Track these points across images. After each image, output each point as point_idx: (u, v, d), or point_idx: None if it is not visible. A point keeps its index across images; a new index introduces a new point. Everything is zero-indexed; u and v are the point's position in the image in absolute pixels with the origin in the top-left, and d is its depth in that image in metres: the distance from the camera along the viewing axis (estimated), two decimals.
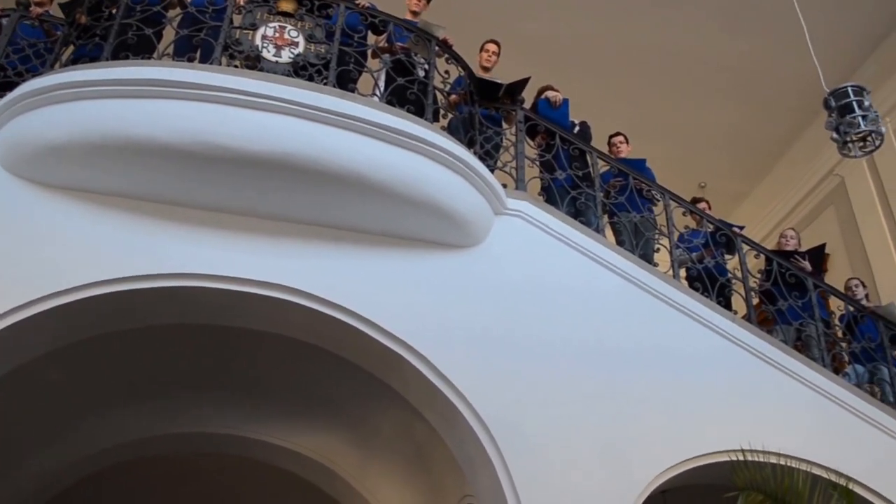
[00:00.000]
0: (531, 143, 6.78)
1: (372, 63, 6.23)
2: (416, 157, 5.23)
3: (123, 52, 5.33)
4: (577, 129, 7.24)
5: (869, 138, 6.12)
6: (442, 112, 6.29)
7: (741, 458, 4.49)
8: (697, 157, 11.90)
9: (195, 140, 4.78)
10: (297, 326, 5.32)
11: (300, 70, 5.42)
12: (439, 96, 6.15)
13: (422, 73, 6.17)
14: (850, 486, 4.87)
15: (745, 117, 11.42)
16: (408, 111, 5.44)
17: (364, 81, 6.08)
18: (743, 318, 6.44)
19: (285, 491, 8.06)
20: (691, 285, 6.63)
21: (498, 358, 5.27)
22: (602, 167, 6.86)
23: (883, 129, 6.16)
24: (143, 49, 5.39)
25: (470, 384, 5.08)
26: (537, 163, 6.68)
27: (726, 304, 6.77)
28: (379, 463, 7.23)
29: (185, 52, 5.54)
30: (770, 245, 8.41)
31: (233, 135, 4.82)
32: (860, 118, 6.02)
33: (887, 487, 5.67)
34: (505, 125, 6.79)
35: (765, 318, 7.18)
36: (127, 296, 4.83)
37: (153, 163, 4.84)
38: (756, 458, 4.49)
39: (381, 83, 5.99)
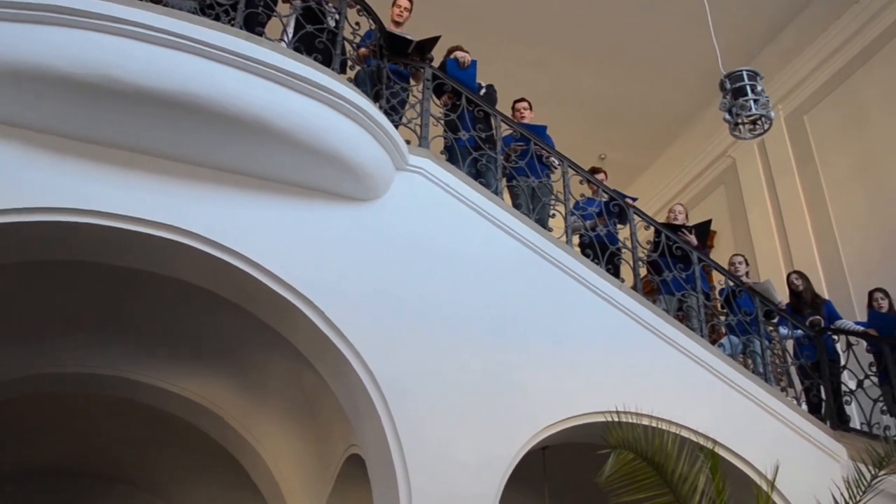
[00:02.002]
0: (437, 101, 6.82)
1: (282, 8, 6.11)
2: (320, 107, 5.18)
3: None
4: (483, 91, 7.31)
5: (759, 122, 6.38)
6: (350, 64, 6.25)
7: (615, 418, 4.66)
8: (599, 129, 12.17)
9: (94, 72, 4.60)
10: (190, 270, 5.24)
11: (207, 9, 5.28)
12: (348, 47, 6.10)
13: (332, 23, 6.09)
14: (716, 449, 5.10)
15: (647, 93, 11.72)
16: (315, 60, 5.38)
17: (272, 26, 5.99)
18: (632, 287, 6.67)
19: (173, 436, 7.97)
20: (583, 252, 6.82)
21: (390, 312, 5.32)
22: (504, 131, 6.96)
23: (772, 115, 6.42)
24: None
25: (361, 336, 5.12)
26: (442, 122, 6.73)
27: (615, 272, 6.99)
28: (267, 411, 7.23)
29: None
30: (661, 219, 8.69)
31: (133, 70, 4.67)
32: (752, 102, 6.27)
33: (750, 451, 6.03)
34: (412, 82, 6.80)
35: (650, 289, 7.45)
36: (11, 228, 4.64)
37: (47, 93, 4.63)
38: (629, 420, 4.66)
39: (290, 29, 5.90)
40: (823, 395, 7.22)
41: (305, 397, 6.81)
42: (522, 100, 7.91)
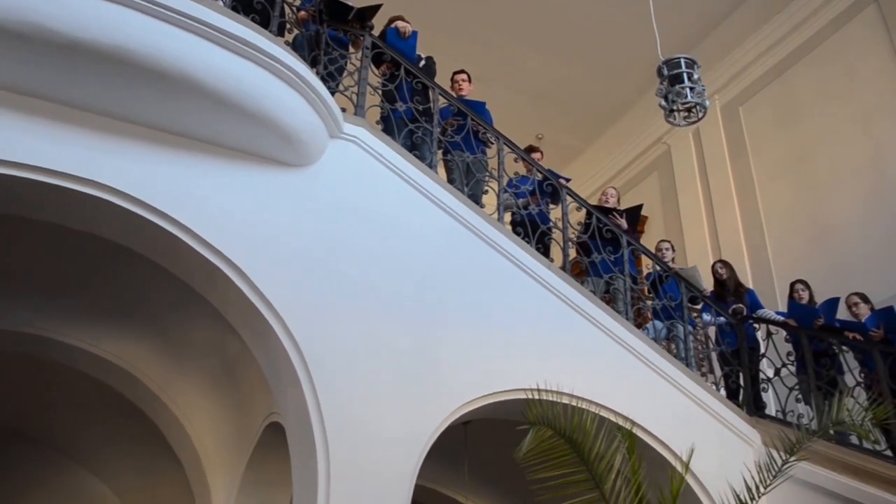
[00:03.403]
0: (375, 71, 6.74)
1: None
2: (255, 69, 5.05)
3: None
4: (422, 63, 7.26)
5: (693, 110, 6.45)
6: (288, 27, 6.13)
7: (535, 395, 4.69)
8: (537, 109, 12.21)
9: (21, 19, 4.38)
10: (111, 227, 5.08)
11: None
12: (287, 10, 6.00)
13: None
14: (634, 429, 5.20)
15: (588, 76, 11.79)
16: (253, 20, 5.26)
17: None
18: (561, 268, 6.71)
19: (88, 397, 7.79)
20: (514, 230, 6.83)
21: (318, 281, 5.26)
22: (442, 103, 6.91)
23: (707, 103, 6.50)
24: None
25: (286, 303, 5.04)
26: (379, 91, 6.66)
27: (545, 251, 7.03)
28: (187, 376, 7.11)
29: None
30: (594, 201, 8.75)
31: (64, 19, 4.46)
32: (688, 89, 6.33)
33: (667, 433, 6.15)
34: (351, 49, 6.70)
35: (579, 270, 7.51)
36: None
37: None
38: (550, 397, 4.70)
39: None
40: (742, 382, 7.38)
41: (227, 363, 6.73)
42: (462, 71, 7.87)
